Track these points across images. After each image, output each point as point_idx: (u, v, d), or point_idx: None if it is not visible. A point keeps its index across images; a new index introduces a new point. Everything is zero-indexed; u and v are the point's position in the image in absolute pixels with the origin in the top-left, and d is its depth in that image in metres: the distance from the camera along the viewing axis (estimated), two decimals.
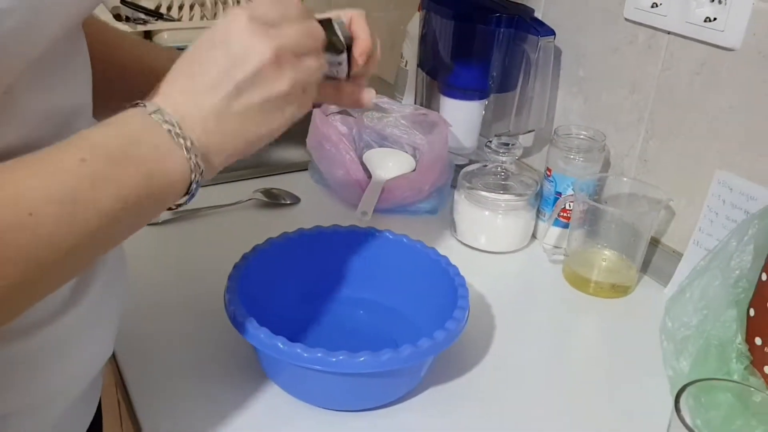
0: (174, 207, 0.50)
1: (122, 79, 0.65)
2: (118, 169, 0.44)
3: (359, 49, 0.64)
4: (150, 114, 0.46)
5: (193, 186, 0.48)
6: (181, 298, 0.82)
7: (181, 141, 0.47)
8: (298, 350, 0.62)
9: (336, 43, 0.63)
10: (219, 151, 0.49)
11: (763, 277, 0.68)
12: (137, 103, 0.47)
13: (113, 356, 0.73)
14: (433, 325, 0.66)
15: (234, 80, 0.48)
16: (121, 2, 1.59)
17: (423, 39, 1.11)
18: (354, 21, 0.65)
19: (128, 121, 0.46)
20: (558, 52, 1.04)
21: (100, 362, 0.59)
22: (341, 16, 0.64)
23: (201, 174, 0.48)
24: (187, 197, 0.49)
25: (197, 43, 0.50)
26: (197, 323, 0.78)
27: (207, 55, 0.49)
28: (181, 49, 0.53)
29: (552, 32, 0.99)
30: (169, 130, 0.46)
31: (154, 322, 0.78)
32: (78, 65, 0.49)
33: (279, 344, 0.62)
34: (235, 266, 0.72)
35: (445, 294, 0.73)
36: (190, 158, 0.47)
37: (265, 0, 0.51)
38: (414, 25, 1.19)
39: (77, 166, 0.42)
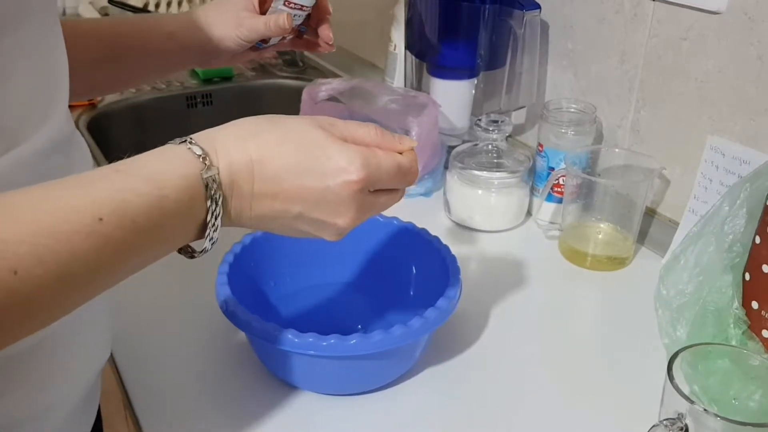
0: (197, 254, 0.49)
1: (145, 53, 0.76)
2: (136, 237, 0.42)
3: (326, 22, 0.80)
4: (201, 173, 0.45)
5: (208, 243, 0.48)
6: (177, 296, 0.82)
7: (213, 206, 0.46)
8: (290, 336, 0.62)
9: None
10: (242, 223, 0.50)
11: (757, 240, 0.67)
12: (201, 156, 0.46)
13: (113, 362, 0.73)
14: (426, 305, 0.66)
15: (303, 213, 0.49)
16: (109, 2, 1.59)
17: (409, 21, 1.10)
18: None
19: (168, 173, 0.44)
20: (545, 26, 1.03)
21: (97, 366, 0.59)
22: None
23: (215, 232, 0.47)
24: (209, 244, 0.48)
25: (312, 150, 0.49)
26: (194, 321, 0.78)
27: (307, 175, 0.48)
28: None
29: (537, 5, 0.98)
30: (208, 189, 0.45)
31: (150, 323, 0.78)
32: None
33: (270, 331, 0.62)
34: (225, 257, 0.72)
35: (438, 273, 0.72)
36: (212, 224, 0.46)
37: (391, 170, 0.51)
38: (400, 9, 1.18)
39: (92, 226, 0.40)
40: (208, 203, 0.45)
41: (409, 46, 1.12)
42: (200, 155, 0.45)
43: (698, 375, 0.61)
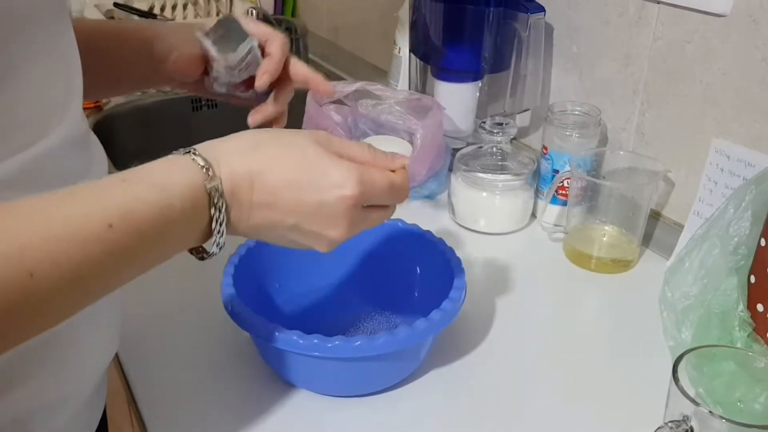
0: (207, 257, 0.51)
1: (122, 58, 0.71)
2: (143, 242, 0.44)
3: (261, 69, 0.68)
4: (205, 183, 0.47)
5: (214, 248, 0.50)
6: (182, 297, 0.82)
7: (217, 214, 0.48)
8: (294, 337, 0.62)
9: (231, 40, 0.67)
10: (238, 232, 0.51)
11: (762, 242, 0.67)
12: (204, 167, 0.47)
13: (118, 362, 0.73)
14: (431, 307, 0.66)
15: (298, 224, 0.51)
16: (114, 5, 1.59)
17: (414, 24, 1.10)
18: (269, 41, 0.69)
19: (173, 182, 0.46)
20: (550, 29, 1.03)
21: (108, 356, 0.60)
22: (261, 34, 0.68)
23: (221, 238, 0.49)
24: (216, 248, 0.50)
25: (309, 165, 0.51)
26: (199, 321, 0.78)
27: (304, 188, 0.50)
28: None
29: (542, 8, 0.98)
30: (211, 198, 0.47)
31: (156, 324, 0.78)
32: None
33: (276, 332, 0.62)
34: (230, 258, 0.72)
35: (443, 275, 0.72)
36: (217, 231, 0.48)
37: (384, 187, 0.53)
38: (405, 11, 1.18)
39: (103, 232, 0.42)
40: (212, 211, 0.47)
41: (413, 49, 1.13)
42: (203, 166, 0.47)
43: (703, 377, 0.61)
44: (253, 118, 0.71)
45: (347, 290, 0.81)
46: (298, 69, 0.71)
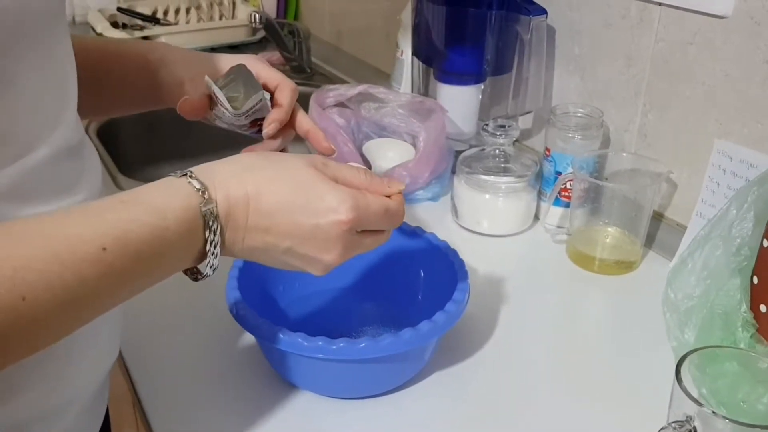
0: (201, 278, 0.52)
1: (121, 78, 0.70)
2: (137, 265, 0.44)
3: (270, 117, 0.67)
4: (200, 206, 0.47)
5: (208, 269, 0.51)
6: (187, 299, 0.83)
7: (211, 236, 0.48)
8: (299, 339, 0.62)
9: (235, 98, 0.66)
10: (233, 254, 0.52)
11: (765, 243, 0.67)
12: (200, 191, 0.48)
13: (123, 364, 0.73)
14: (434, 309, 0.66)
15: (292, 247, 0.52)
16: (118, 10, 1.60)
17: (416, 27, 1.11)
18: (280, 89, 0.69)
19: (169, 205, 0.46)
20: (552, 31, 1.03)
21: (109, 362, 0.60)
22: (271, 80, 0.68)
23: (215, 259, 0.50)
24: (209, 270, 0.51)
25: (305, 188, 0.51)
26: (203, 324, 0.78)
27: (299, 212, 0.51)
28: None
29: (543, 11, 0.98)
30: (206, 221, 0.48)
31: (160, 326, 0.79)
32: None
33: (280, 335, 0.62)
34: (235, 261, 0.72)
35: (446, 278, 0.73)
36: (212, 253, 0.49)
37: (379, 212, 0.54)
38: (408, 14, 1.18)
39: (97, 255, 0.42)
40: (207, 234, 0.48)
41: (416, 52, 1.13)
42: (199, 189, 0.48)
43: (706, 378, 0.62)
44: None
45: (351, 293, 0.81)
46: (303, 123, 0.72)
